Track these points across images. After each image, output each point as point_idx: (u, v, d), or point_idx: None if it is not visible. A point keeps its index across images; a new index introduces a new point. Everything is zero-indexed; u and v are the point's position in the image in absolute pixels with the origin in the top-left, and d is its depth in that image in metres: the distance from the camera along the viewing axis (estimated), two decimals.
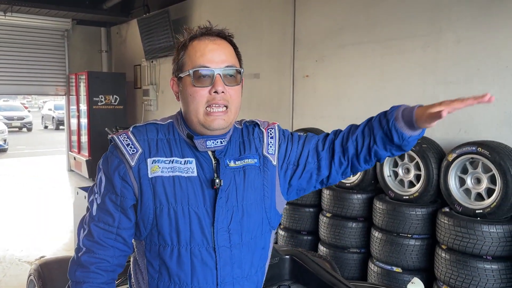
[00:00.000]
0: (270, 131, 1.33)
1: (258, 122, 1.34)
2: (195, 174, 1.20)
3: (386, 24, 3.96)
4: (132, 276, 1.30)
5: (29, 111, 23.55)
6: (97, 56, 9.71)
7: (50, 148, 14.17)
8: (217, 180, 1.19)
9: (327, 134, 1.32)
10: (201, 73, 1.16)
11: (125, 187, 1.19)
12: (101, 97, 8.51)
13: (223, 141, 1.21)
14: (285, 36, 5.08)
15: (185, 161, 1.20)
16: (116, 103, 8.67)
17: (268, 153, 1.29)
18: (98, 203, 1.21)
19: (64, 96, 9.73)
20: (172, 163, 1.20)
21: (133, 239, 1.26)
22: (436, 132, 3.57)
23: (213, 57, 1.17)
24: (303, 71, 4.87)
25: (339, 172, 1.29)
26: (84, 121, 8.80)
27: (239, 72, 1.21)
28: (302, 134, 1.36)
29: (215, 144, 1.20)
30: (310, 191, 1.35)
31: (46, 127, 23.16)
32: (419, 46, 3.71)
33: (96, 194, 1.23)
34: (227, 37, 1.22)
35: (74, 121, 9.37)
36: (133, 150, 1.19)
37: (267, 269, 1.37)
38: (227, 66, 1.18)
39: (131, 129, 1.25)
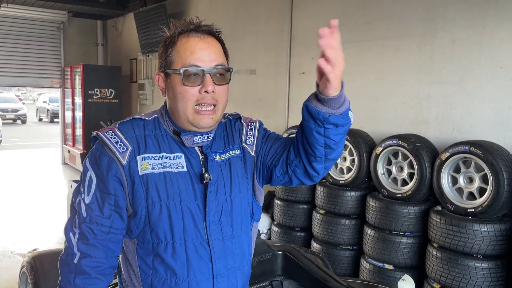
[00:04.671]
0: (251, 124, 1.35)
1: (241, 116, 1.37)
2: (184, 169, 1.20)
3: (382, 23, 3.97)
4: (122, 273, 1.28)
5: (23, 103, 23.39)
6: (93, 49, 9.66)
7: (44, 141, 14.11)
8: (206, 175, 1.20)
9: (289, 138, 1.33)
10: (191, 72, 1.16)
11: (119, 186, 1.17)
12: (97, 91, 8.48)
13: (209, 136, 1.24)
14: (282, 33, 5.07)
15: (174, 156, 1.20)
16: (111, 97, 8.64)
17: (247, 144, 1.32)
18: (87, 203, 1.17)
19: (59, 89, 9.68)
20: (162, 159, 1.19)
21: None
22: (430, 131, 3.59)
23: (203, 55, 1.17)
24: (299, 68, 4.88)
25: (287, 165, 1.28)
26: (79, 114, 8.77)
27: (228, 71, 1.21)
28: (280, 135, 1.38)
29: (202, 139, 1.22)
30: (277, 181, 1.32)
31: (40, 119, 23.05)
32: (414, 45, 3.72)
33: (83, 194, 1.18)
34: (215, 34, 1.22)
35: (68, 114, 9.32)
36: (123, 148, 1.17)
37: (260, 264, 1.39)
38: (217, 65, 1.18)
39: (117, 125, 1.22)
